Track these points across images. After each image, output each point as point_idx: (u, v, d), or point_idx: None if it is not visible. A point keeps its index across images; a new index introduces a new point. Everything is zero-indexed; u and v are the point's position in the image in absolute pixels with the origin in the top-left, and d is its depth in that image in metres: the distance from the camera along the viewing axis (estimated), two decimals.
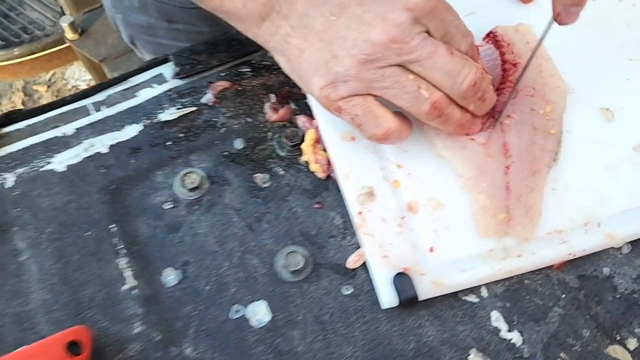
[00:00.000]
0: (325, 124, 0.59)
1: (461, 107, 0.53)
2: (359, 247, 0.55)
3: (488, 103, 0.54)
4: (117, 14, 0.93)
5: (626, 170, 0.57)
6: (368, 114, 0.51)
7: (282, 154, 0.60)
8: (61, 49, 1.67)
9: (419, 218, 0.55)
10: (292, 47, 0.52)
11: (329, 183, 0.59)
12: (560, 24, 0.54)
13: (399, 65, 0.50)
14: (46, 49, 1.67)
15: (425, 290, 0.52)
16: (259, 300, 0.54)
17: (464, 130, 0.55)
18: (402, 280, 0.52)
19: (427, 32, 0.50)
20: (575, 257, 0.54)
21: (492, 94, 0.54)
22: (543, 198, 0.55)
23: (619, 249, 0.55)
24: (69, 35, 1.51)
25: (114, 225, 0.57)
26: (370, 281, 0.54)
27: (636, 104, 0.60)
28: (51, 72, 2.25)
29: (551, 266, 0.54)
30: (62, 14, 1.66)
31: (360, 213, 0.55)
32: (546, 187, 0.56)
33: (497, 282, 0.54)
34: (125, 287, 0.54)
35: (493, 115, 0.57)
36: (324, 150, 0.59)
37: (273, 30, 0.52)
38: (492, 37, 0.63)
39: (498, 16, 0.65)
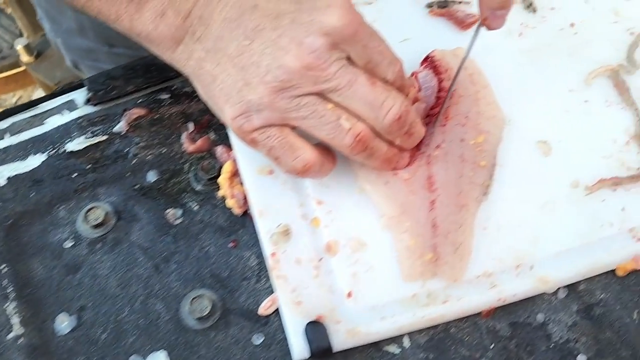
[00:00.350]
0: (243, 155, 0.54)
1: (388, 140, 0.49)
2: (273, 291, 0.51)
3: (416, 137, 0.51)
4: (57, 37, 0.89)
5: (562, 208, 0.53)
6: (285, 145, 0.47)
7: (198, 187, 0.56)
8: (19, 72, 1.63)
9: (338, 260, 0.50)
10: (206, 72, 0.47)
11: (247, 220, 0.54)
12: (488, 28, 0.52)
13: (317, 94, 0.46)
14: (2, 72, 1.63)
15: (340, 340, 0.47)
16: (159, 350, 0.49)
17: (391, 165, 0.51)
18: (315, 329, 0.47)
19: (349, 58, 0.46)
20: (506, 302, 0.50)
21: (419, 127, 0.50)
22: (473, 234, 0.51)
23: (555, 294, 0.51)
24: (24, 58, 1.48)
25: (4, 266, 0.52)
26: (283, 330, 0.49)
27: (575, 137, 0.56)
28: (17, 96, 2.20)
29: (480, 313, 0.50)
30: (20, 36, 1.63)
31: (273, 254, 0.50)
32: (477, 226, 0.52)
33: (420, 331, 0.49)
34: (10, 335, 0.49)
35: (419, 148, 0.53)
36: (242, 184, 0.54)
37: (187, 54, 0.48)
38: (430, 62, 0.60)
39: (434, 43, 0.62)
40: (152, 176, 0.56)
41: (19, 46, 1.44)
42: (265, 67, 0.45)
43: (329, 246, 0.51)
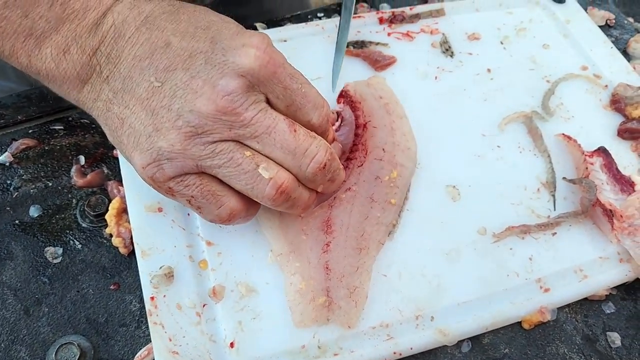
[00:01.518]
0: (131, 191, 0.51)
1: (309, 188, 0.46)
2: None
3: (337, 182, 0.48)
4: None
5: (467, 257, 0.50)
6: (206, 194, 0.43)
7: (84, 224, 0.52)
8: None
9: (223, 306, 0.46)
10: (114, 115, 0.43)
11: (133, 261, 0.50)
12: None
13: (234, 140, 0.42)
14: None
15: None
16: None
17: (307, 209, 0.48)
18: None
19: (268, 101, 0.43)
20: (402, 356, 0.46)
21: (342, 172, 0.48)
22: (370, 278, 0.48)
23: (459, 347, 0.48)
24: None
25: None
26: None
27: (485, 183, 0.55)
28: None
29: None
30: None
31: (152, 298, 0.46)
32: (376, 273, 0.49)
33: None
34: None
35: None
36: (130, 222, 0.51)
37: (95, 94, 0.43)
38: (345, 96, 0.58)
39: (347, 81, 0.60)
40: (34, 211, 0.52)
41: None
42: (176, 111, 0.41)
43: (215, 291, 0.47)
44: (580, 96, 0.62)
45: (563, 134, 0.57)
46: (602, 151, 0.56)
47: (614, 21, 0.70)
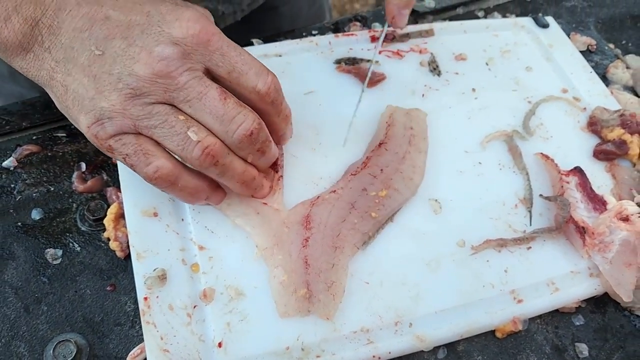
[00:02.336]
0: (129, 196, 0.54)
1: (245, 161, 0.49)
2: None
3: (268, 156, 0.51)
4: None
5: (447, 267, 0.53)
6: (139, 152, 0.46)
7: (83, 228, 0.54)
8: None
9: (213, 308, 0.49)
10: (58, 83, 0.46)
11: (129, 264, 0.53)
12: (395, 26, 0.61)
13: (170, 104, 0.45)
14: None
15: None
16: None
17: (250, 189, 0.51)
18: None
19: (207, 71, 0.46)
20: (381, 359, 0.49)
21: (272, 147, 0.50)
22: (346, 275, 0.51)
23: (435, 353, 0.51)
24: None
25: None
26: None
27: (465, 196, 0.57)
28: None
29: None
30: None
31: (146, 298, 0.49)
32: (358, 280, 0.51)
33: None
34: None
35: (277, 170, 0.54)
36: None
37: (38, 63, 0.47)
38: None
39: (338, 96, 0.63)
40: (36, 214, 0.55)
41: None
42: (117, 75, 0.45)
43: (205, 293, 0.49)
44: (560, 117, 0.65)
45: (541, 153, 0.60)
46: (577, 171, 0.59)
47: (595, 47, 0.74)
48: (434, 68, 0.67)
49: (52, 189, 0.56)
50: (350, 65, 0.66)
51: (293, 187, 0.55)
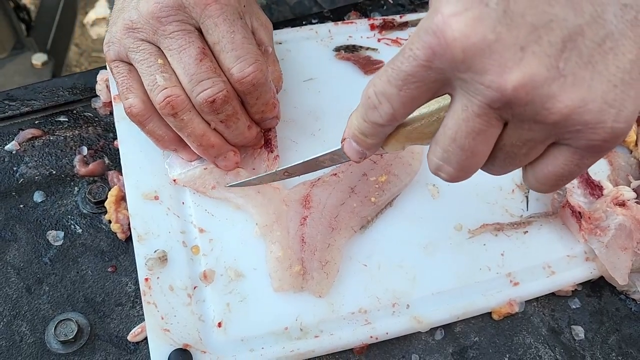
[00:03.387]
0: (130, 180, 0.54)
1: (209, 126, 0.50)
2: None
3: (234, 132, 0.51)
4: None
5: (443, 250, 0.54)
6: (124, 84, 0.50)
7: (85, 210, 0.55)
8: None
9: (213, 289, 0.50)
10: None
11: (130, 246, 0.53)
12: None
13: (157, 45, 0.48)
14: None
15: None
16: None
17: (209, 154, 0.51)
18: (179, 357, 0.46)
19: (199, 30, 0.48)
20: (378, 340, 0.49)
21: (240, 124, 0.50)
22: (341, 256, 0.52)
23: (432, 334, 0.51)
24: None
25: None
26: (150, 358, 0.48)
27: (462, 182, 0.58)
28: None
29: (352, 350, 0.49)
30: None
31: (147, 279, 0.49)
32: (357, 263, 0.52)
33: None
34: None
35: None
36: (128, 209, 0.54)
37: None
38: None
39: (338, 83, 0.64)
40: (38, 197, 0.55)
41: None
42: (126, 9, 0.49)
43: (205, 274, 0.50)
44: None
45: None
46: None
47: None
48: None
49: (54, 172, 0.57)
50: (350, 52, 0.67)
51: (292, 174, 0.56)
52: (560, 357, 0.51)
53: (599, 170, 0.60)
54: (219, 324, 0.48)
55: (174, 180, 0.53)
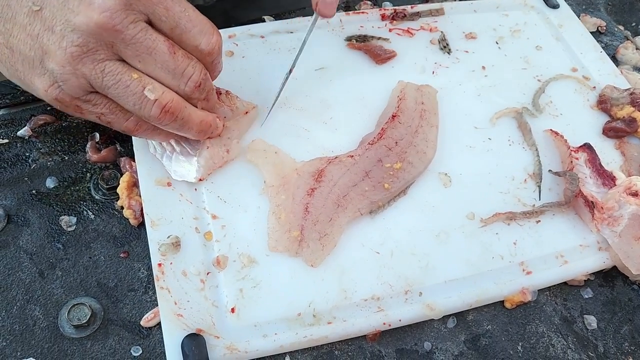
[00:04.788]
0: (143, 166, 0.54)
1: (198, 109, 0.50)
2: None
3: (212, 102, 0.51)
4: None
5: (456, 238, 0.54)
6: (115, 110, 0.46)
7: (97, 197, 0.55)
8: None
9: (226, 274, 0.50)
10: (2, 46, 0.44)
11: (142, 232, 0.53)
12: (320, 14, 0.54)
13: (120, 60, 0.44)
14: None
15: (218, 355, 0.46)
16: (28, 357, 0.47)
17: (207, 134, 0.51)
18: (192, 342, 0.46)
19: (151, 23, 0.44)
20: (391, 327, 0.49)
21: (214, 93, 0.51)
22: (342, 231, 0.52)
23: (444, 322, 0.51)
24: None
25: None
26: (163, 343, 0.48)
27: (475, 171, 0.58)
28: None
29: (366, 337, 0.49)
30: None
31: (160, 264, 0.49)
32: (370, 250, 0.52)
33: (304, 351, 0.48)
34: None
35: None
36: (140, 195, 0.54)
37: None
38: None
39: (349, 72, 0.64)
40: (51, 182, 0.55)
41: None
42: (59, 32, 0.42)
43: (218, 260, 0.50)
44: (569, 96, 0.65)
45: (551, 130, 0.61)
46: (587, 147, 0.59)
47: (605, 28, 0.74)
48: (444, 46, 0.68)
49: (66, 158, 0.57)
50: (361, 42, 0.67)
51: (305, 159, 0.56)
52: (573, 346, 0.51)
53: (612, 160, 0.60)
54: (232, 310, 0.48)
55: (200, 180, 0.53)
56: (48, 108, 0.60)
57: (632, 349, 0.51)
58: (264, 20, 0.69)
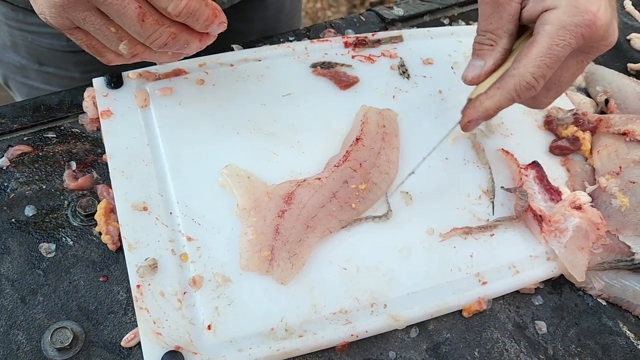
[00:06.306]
0: (119, 191, 0.57)
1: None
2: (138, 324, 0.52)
3: (189, 52, 0.55)
4: None
5: (417, 253, 0.58)
6: (92, 47, 0.53)
7: (75, 223, 0.57)
8: None
9: (202, 293, 0.52)
10: None
11: (120, 256, 0.56)
12: (464, 130, 0.58)
13: (99, 11, 0.49)
14: None
15: None
16: None
17: (180, 56, 0.57)
18: (171, 359, 0.48)
19: None
20: (358, 338, 0.53)
21: (192, 47, 0.55)
22: (310, 250, 0.55)
23: (407, 332, 0.55)
24: None
25: None
26: None
27: (433, 189, 0.62)
28: None
29: (335, 349, 0.53)
30: None
31: (138, 286, 0.52)
32: (337, 266, 0.55)
33: None
34: None
35: None
36: (118, 221, 0.56)
37: None
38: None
39: (315, 98, 0.67)
40: (29, 211, 0.58)
41: None
42: None
43: (194, 280, 0.53)
44: (519, 117, 0.70)
45: (502, 149, 0.66)
46: (535, 165, 0.64)
47: None
48: (404, 71, 0.72)
49: (44, 186, 0.59)
50: (326, 69, 0.71)
51: (274, 181, 0.59)
52: (525, 350, 0.55)
53: (558, 176, 0.65)
54: (209, 327, 0.51)
55: None
56: (24, 138, 0.62)
57: (579, 350, 0.55)
58: (232, 49, 0.72)
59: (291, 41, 0.76)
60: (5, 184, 0.59)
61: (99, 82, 0.64)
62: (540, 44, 0.51)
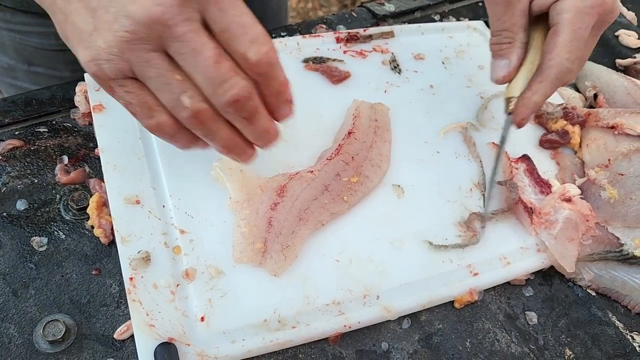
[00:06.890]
0: (112, 185, 0.57)
1: (232, 127, 0.48)
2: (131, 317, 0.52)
3: (259, 128, 0.48)
4: None
5: (409, 245, 0.58)
6: (142, 104, 0.46)
7: (67, 217, 0.57)
8: None
9: (195, 286, 0.53)
10: (59, 10, 0.45)
11: (113, 249, 0.56)
12: (517, 127, 0.61)
13: (167, 55, 0.44)
14: None
15: None
16: None
17: (232, 153, 0.51)
18: (165, 350, 0.48)
19: (205, 24, 0.43)
20: (351, 329, 0.53)
21: (263, 119, 0.48)
22: (303, 242, 0.56)
23: (400, 323, 0.55)
24: None
25: None
26: (137, 354, 0.50)
27: (425, 182, 0.63)
28: None
29: (327, 340, 0.53)
30: None
31: (131, 278, 0.52)
32: (330, 258, 0.56)
33: (270, 355, 0.52)
34: None
35: None
36: (110, 215, 0.56)
37: None
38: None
39: (307, 93, 0.68)
40: (21, 205, 0.57)
41: None
42: (113, 14, 0.42)
43: (187, 273, 0.53)
44: None
45: (493, 143, 0.66)
46: (525, 158, 0.65)
47: None
48: (395, 67, 0.73)
49: (36, 181, 0.59)
50: (318, 64, 0.71)
51: (267, 175, 0.60)
52: (516, 340, 0.55)
53: (548, 169, 0.66)
54: (202, 319, 0.51)
55: None
56: (16, 133, 0.62)
57: (569, 340, 0.56)
58: None
59: (283, 36, 0.76)
60: None
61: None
62: (565, 31, 0.56)
